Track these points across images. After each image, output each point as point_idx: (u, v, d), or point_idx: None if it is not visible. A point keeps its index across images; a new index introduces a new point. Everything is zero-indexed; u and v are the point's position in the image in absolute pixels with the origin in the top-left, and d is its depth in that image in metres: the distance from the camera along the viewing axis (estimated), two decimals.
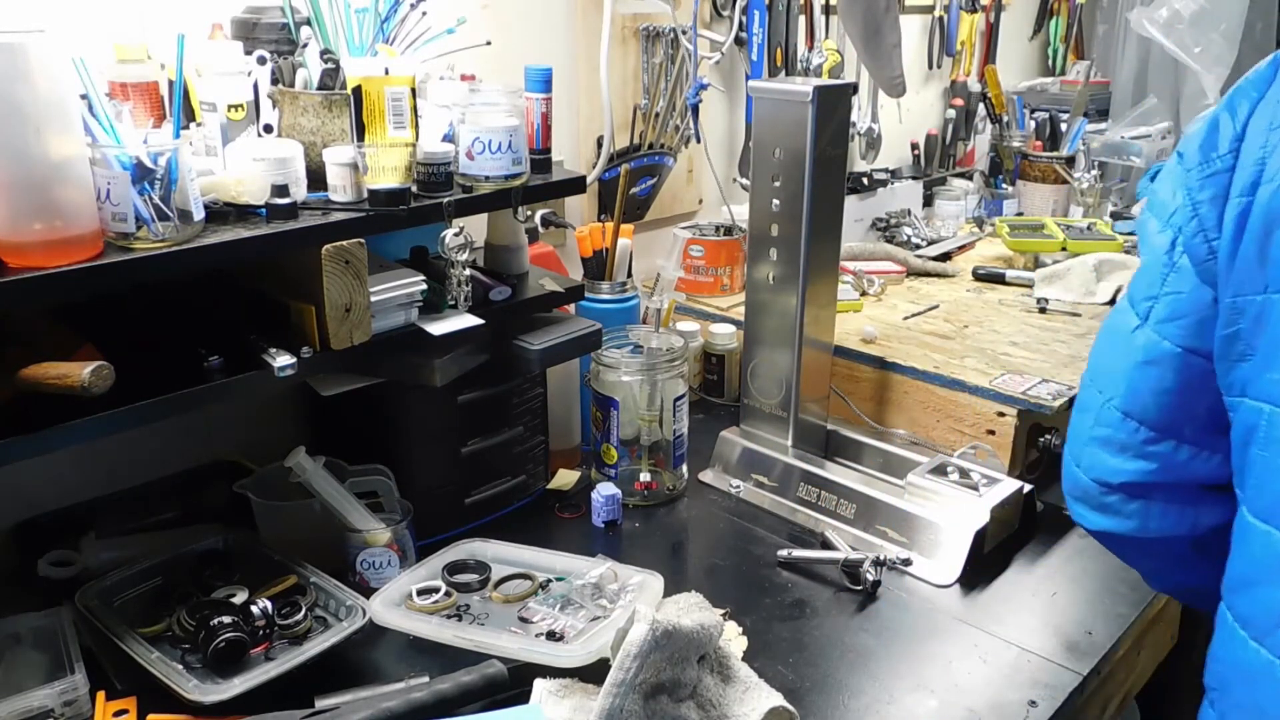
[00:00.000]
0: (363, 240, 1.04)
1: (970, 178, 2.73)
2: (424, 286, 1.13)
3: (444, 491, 1.33)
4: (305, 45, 1.12)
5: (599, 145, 1.73)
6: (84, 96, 0.90)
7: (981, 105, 2.72)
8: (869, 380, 1.62)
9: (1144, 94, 2.82)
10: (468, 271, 1.16)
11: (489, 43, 1.28)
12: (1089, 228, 2.26)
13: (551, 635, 1.08)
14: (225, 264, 0.97)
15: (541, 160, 1.26)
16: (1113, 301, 1.92)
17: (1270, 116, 0.75)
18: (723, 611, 1.14)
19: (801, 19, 2.09)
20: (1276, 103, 0.75)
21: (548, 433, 1.46)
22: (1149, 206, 0.87)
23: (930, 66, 2.63)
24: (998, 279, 2.07)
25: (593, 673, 1.00)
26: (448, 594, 1.14)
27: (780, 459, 1.44)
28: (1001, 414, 1.48)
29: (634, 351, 1.46)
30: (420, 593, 1.13)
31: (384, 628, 1.08)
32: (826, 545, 1.31)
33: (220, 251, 0.95)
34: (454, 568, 1.19)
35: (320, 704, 0.98)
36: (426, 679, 1.01)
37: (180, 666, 1.00)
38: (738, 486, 1.47)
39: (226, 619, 1.02)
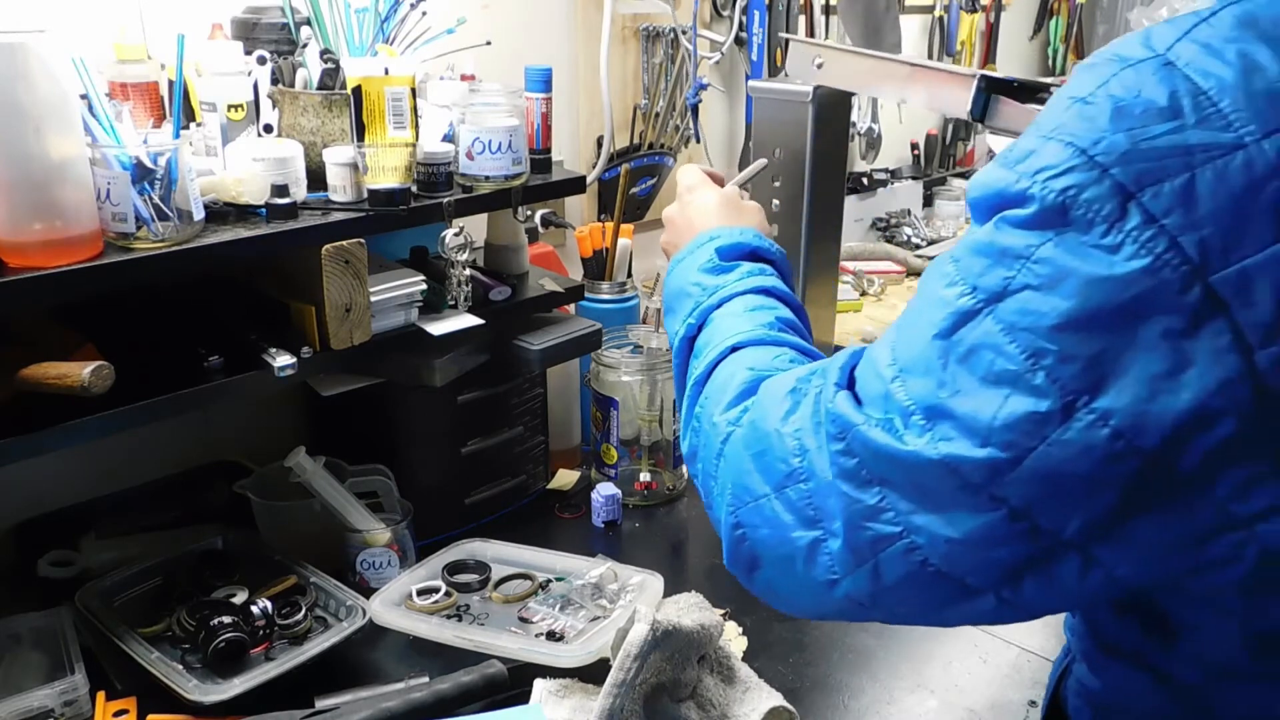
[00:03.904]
0: (363, 240, 1.04)
1: (970, 178, 2.73)
2: (424, 286, 1.13)
3: (444, 491, 1.33)
4: (305, 45, 1.12)
5: (599, 145, 1.73)
6: (84, 96, 0.90)
7: None
8: None
9: None
10: (468, 271, 1.16)
11: (489, 43, 1.28)
12: None
13: (551, 635, 1.08)
14: (225, 264, 0.97)
15: (541, 160, 1.26)
16: None
17: None
18: (723, 611, 1.14)
19: (801, 19, 2.09)
20: None
21: (548, 433, 1.46)
22: None
23: None
24: None
25: (593, 673, 1.00)
26: (448, 594, 1.14)
27: None
28: None
29: (634, 351, 1.46)
30: (420, 593, 1.13)
31: (384, 628, 1.08)
32: None
33: (220, 251, 0.95)
34: (454, 568, 1.19)
35: (320, 704, 0.98)
36: (426, 679, 1.01)
37: (180, 666, 1.00)
38: None
39: (226, 619, 1.02)
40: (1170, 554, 0.48)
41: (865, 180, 2.34)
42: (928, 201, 2.54)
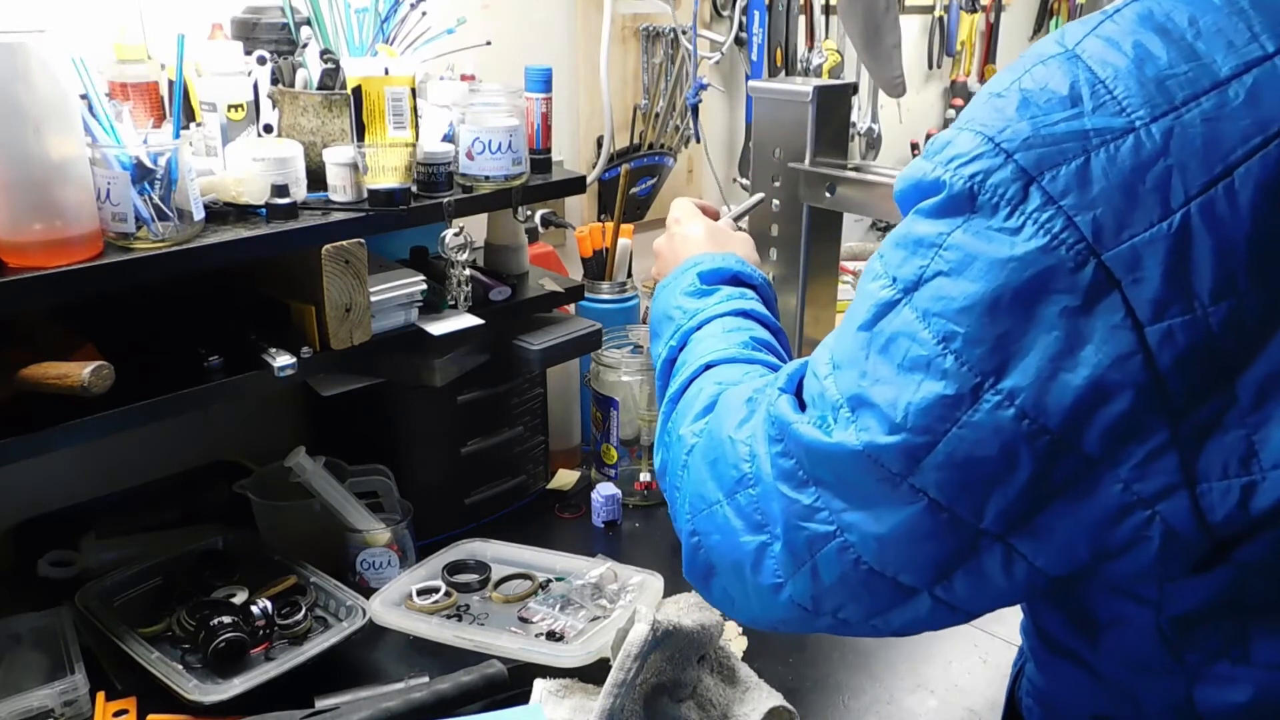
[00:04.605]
0: (363, 240, 1.04)
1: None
2: (424, 286, 1.13)
3: (444, 491, 1.33)
4: (305, 45, 1.12)
5: (599, 145, 1.73)
6: (84, 96, 0.90)
7: None
8: None
9: None
10: (468, 271, 1.16)
11: (489, 43, 1.28)
12: None
13: (551, 635, 1.08)
14: (225, 264, 0.97)
15: (541, 160, 1.26)
16: None
17: None
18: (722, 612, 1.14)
19: (801, 19, 2.09)
20: None
21: (548, 433, 1.46)
22: None
23: (930, 66, 2.63)
24: None
25: (593, 673, 1.00)
26: (448, 594, 1.14)
27: None
28: None
29: (634, 351, 1.46)
30: (420, 593, 1.13)
31: (384, 628, 1.08)
32: None
33: (220, 251, 0.95)
34: (454, 568, 1.19)
35: (320, 704, 0.98)
36: (426, 679, 1.01)
37: (180, 666, 1.00)
38: None
39: (226, 619, 1.02)
40: (1083, 539, 0.50)
41: None
42: None
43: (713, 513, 0.64)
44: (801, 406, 0.59)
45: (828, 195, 1.30)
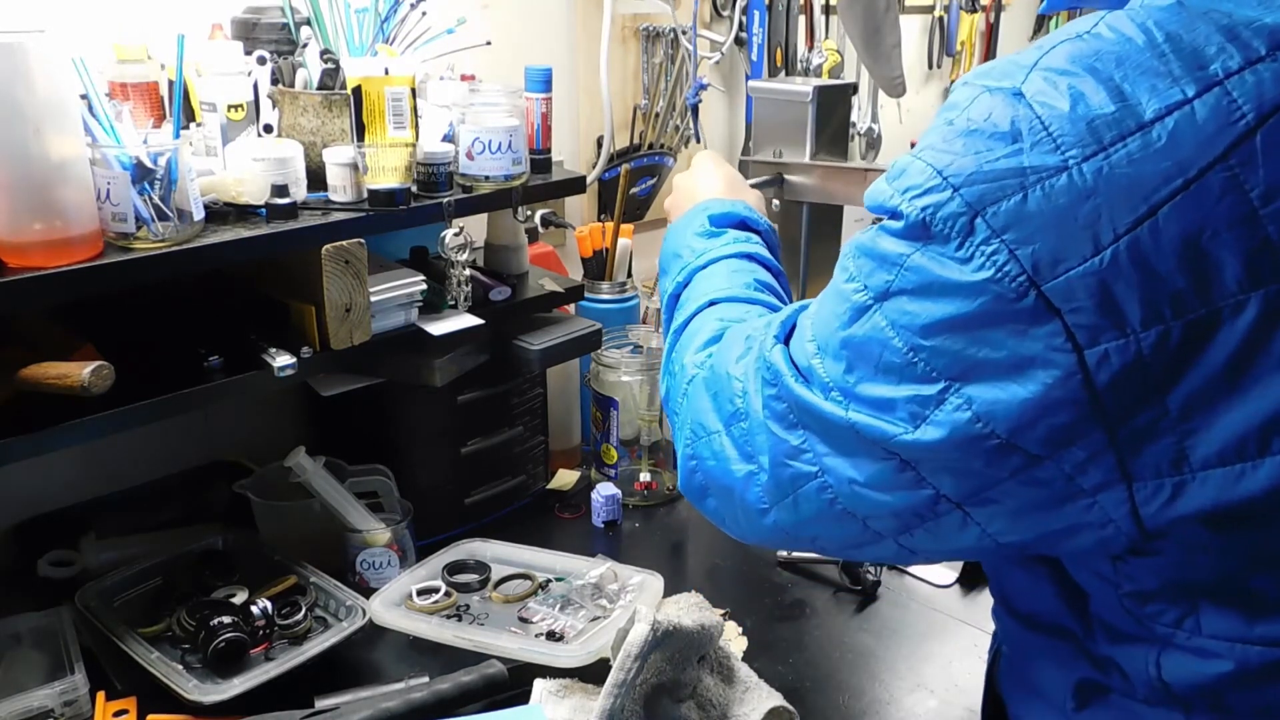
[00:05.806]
0: (363, 240, 1.04)
1: None
2: (424, 286, 1.13)
3: (444, 491, 1.33)
4: (305, 45, 1.12)
5: (599, 145, 1.73)
6: (84, 96, 0.90)
7: None
8: None
9: None
10: (468, 271, 1.16)
11: (489, 43, 1.28)
12: None
13: (551, 635, 1.08)
14: (225, 264, 0.97)
15: (541, 160, 1.26)
16: None
17: None
18: (723, 611, 1.14)
19: (801, 19, 2.09)
20: None
21: (548, 433, 1.46)
22: None
23: (930, 66, 2.63)
24: None
25: (593, 673, 1.00)
26: (448, 594, 1.14)
27: None
28: None
29: (634, 351, 1.46)
30: (420, 593, 1.13)
31: (384, 628, 1.08)
32: None
33: (220, 251, 0.95)
34: (454, 568, 1.19)
35: (320, 704, 0.98)
36: (426, 679, 1.01)
37: (180, 666, 1.00)
38: None
39: (226, 619, 1.02)
40: (1030, 517, 0.56)
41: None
42: None
43: (711, 440, 0.71)
44: (793, 358, 0.64)
45: (779, 187, 1.30)
